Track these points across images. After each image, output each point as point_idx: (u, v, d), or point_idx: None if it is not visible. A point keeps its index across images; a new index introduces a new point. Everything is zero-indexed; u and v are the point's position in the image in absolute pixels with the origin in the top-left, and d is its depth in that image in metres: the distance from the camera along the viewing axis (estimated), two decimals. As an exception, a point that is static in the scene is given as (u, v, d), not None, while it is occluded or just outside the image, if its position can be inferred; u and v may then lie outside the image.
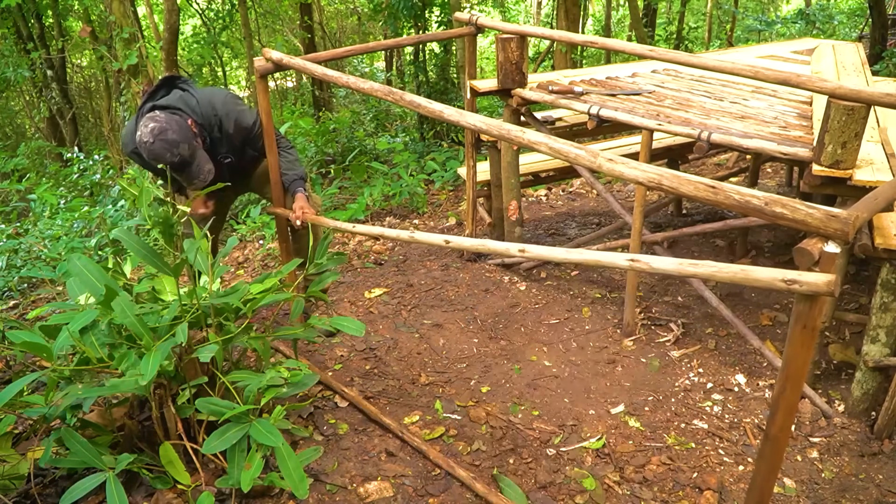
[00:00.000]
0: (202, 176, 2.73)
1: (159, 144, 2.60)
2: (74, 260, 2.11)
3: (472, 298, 3.88)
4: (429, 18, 9.88)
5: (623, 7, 17.24)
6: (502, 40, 3.60)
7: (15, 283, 4.87)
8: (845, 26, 12.26)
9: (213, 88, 3.05)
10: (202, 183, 2.71)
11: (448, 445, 2.66)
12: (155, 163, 2.64)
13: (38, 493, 2.11)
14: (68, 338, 1.92)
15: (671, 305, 3.85)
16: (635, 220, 3.34)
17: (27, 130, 14.18)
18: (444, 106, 2.11)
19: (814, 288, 1.40)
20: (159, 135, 2.60)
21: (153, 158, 2.63)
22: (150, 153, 2.62)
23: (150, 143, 2.60)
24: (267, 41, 14.71)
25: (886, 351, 2.69)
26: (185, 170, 2.70)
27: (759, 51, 5.08)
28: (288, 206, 3.16)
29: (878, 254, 2.52)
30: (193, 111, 2.83)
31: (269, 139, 3.03)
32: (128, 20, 6.82)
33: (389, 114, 10.56)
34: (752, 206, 1.48)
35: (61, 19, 11.30)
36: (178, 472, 2.05)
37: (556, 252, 1.94)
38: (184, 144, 2.66)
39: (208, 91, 2.96)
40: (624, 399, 3.02)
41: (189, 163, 2.70)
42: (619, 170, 1.67)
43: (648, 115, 3.27)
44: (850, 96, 2.44)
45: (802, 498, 2.47)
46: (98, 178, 7.48)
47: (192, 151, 2.71)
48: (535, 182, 4.97)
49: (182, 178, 2.74)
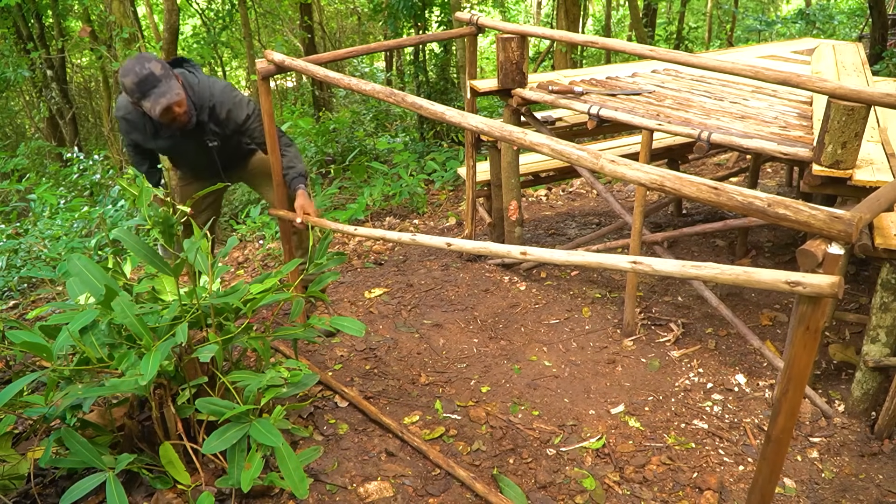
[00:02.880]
0: (170, 95, 2.66)
1: (133, 61, 2.63)
2: (74, 260, 2.11)
3: (472, 298, 3.88)
4: (429, 18, 9.88)
5: (623, 7, 17.23)
6: (502, 40, 3.60)
7: (15, 283, 4.86)
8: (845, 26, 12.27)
9: (218, 79, 3.07)
10: (168, 102, 2.66)
11: (448, 445, 2.66)
12: (124, 78, 2.63)
13: (38, 493, 2.11)
14: (68, 338, 1.92)
15: (671, 305, 3.85)
16: (635, 220, 3.34)
17: (27, 130, 14.17)
18: (445, 107, 2.11)
19: (818, 290, 1.40)
20: (138, 57, 2.66)
21: (124, 74, 2.62)
22: (123, 70, 2.64)
23: (126, 64, 2.64)
24: (267, 41, 14.70)
25: (886, 351, 2.69)
26: (154, 87, 2.63)
27: (759, 51, 5.08)
28: (290, 204, 3.16)
29: (878, 254, 2.52)
30: (190, 87, 2.89)
31: (272, 140, 3.02)
32: (128, 20, 6.81)
33: (389, 114, 10.56)
34: (755, 207, 1.48)
35: (61, 19, 11.29)
36: (178, 472, 2.05)
37: (558, 254, 1.94)
38: (157, 64, 2.66)
39: (212, 79, 3.01)
40: (624, 399, 3.02)
41: (158, 81, 2.64)
42: (622, 171, 1.66)
43: (648, 115, 3.27)
44: (850, 96, 2.44)
45: (802, 498, 2.47)
46: (98, 178, 7.47)
47: (166, 73, 2.69)
48: (535, 182, 4.97)
49: (148, 99, 2.66)
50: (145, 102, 2.65)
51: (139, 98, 2.64)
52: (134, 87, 2.62)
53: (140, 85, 2.62)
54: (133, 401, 2.26)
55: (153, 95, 2.64)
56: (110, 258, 2.37)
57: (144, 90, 2.63)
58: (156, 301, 2.27)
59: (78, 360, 2.02)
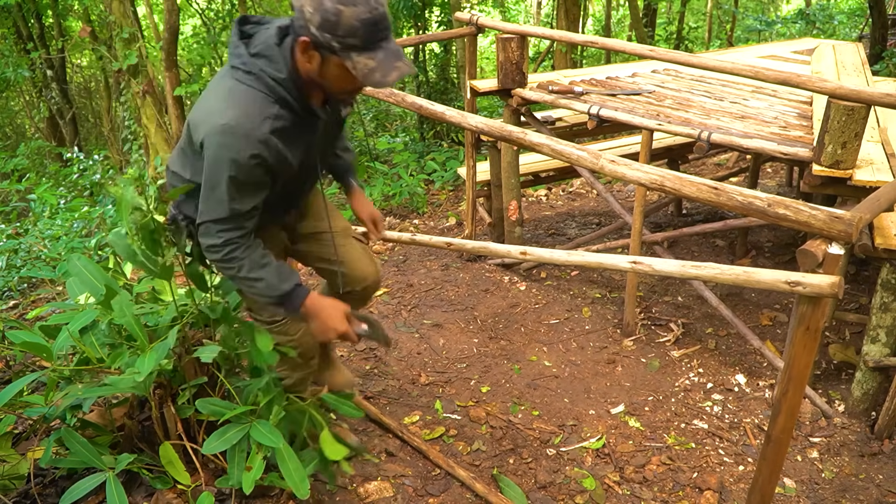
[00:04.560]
0: (402, 57, 1.55)
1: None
2: (74, 260, 2.11)
3: (472, 298, 3.88)
4: (429, 18, 9.88)
5: (623, 7, 17.24)
6: (502, 40, 3.60)
7: (15, 283, 4.86)
8: (845, 26, 12.26)
9: None
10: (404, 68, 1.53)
11: (448, 445, 2.66)
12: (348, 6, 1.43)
13: (38, 493, 2.11)
14: (68, 338, 1.92)
15: (671, 305, 3.84)
16: (635, 220, 3.34)
17: (27, 130, 14.17)
18: (445, 107, 2.11)
19: (818, 290, 1.40)
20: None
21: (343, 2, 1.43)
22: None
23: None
24: (267, 41, 14.67)
25: (886, 351, 2.69)
26: (387, 36, 1.53)
27: (759, 51, 5.08)
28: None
29: (878, 254, 2.52)
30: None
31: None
32: (128, 20, 6.82)
33: (389, 114, 10.56)
34: (756, 207, 1.48)
35: (61, 19, 11.29)
36: (178, 472, 2.04)
37: (558, 254, 1.94)
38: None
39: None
40: (624, 399, 3.02)
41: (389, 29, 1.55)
42: (622, 171, 1.66)
43: (648, 115, 3.27)
44: (850, 96, 2.44)
45: (802, 498, 2.47)
46: (98, 178, 7.47)
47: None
48: (535, 182, 4.97)
49: (378, 53, 1.51)
50: (368, 59, 1.49)
51: (362, 46, 1.48)
52: (359, 27, 1.45)
53: (372, 27, 1.47)
54: (133, 401, 2.25)
55: (387, 51, 1.51)
56: (110, 258, 2.37)
57: (376, 37, 1.49)
58: (156, 301, 2.27)
59: (78, 360, 2.02)
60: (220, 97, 1.59)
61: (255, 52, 1.57)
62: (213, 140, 1.54)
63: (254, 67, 1.56)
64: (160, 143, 7.03)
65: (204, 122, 1.58)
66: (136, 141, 7.51)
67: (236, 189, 1.58)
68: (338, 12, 1.42)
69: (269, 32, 1.59)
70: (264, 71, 1.55)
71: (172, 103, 7.44)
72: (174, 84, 7.39)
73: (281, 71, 1.55)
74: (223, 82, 1.61)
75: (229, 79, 1.60)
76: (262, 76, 1.56)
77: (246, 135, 1.53)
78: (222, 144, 1.53)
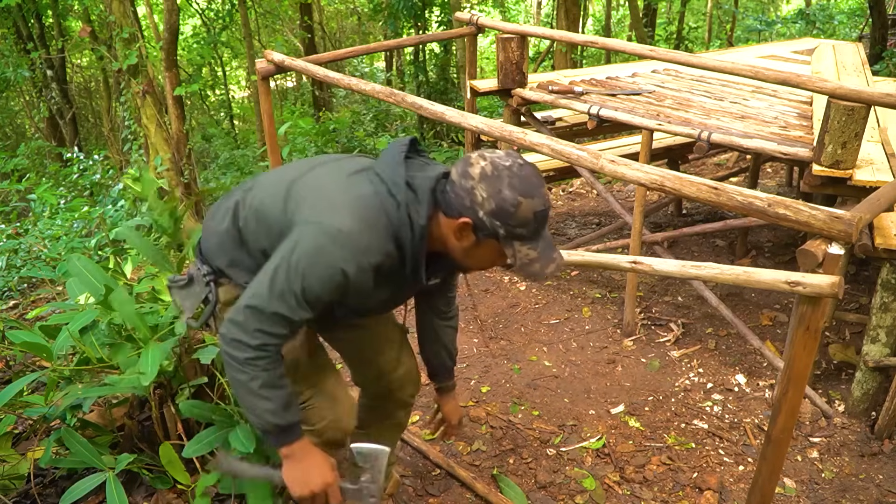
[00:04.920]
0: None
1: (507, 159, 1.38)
2: (74, 260, 2.11)
3: (472, 298, 3.88)
4: (429, 18, 9.89)
5: (623, 7, 17.23)
6: (503, 40, 3.60)
7: (15, 283, 4.86)
8: (845, 26, 12.26)
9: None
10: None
11: (448, 445, 2.66)
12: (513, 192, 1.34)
13: (38, 493, 2.11)
14: (68, 338, 1.92)
15: (671, 305, 3.84)
16: (635, 220, 3.34)
17: (27, 130, 14.17)
18: (445, 108, 2.11)
19: (818, 290, 1.40)
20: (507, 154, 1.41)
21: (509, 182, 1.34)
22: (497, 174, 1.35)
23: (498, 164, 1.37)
24: (267, 41, 14.70)
25: (886, 351, 2.68)
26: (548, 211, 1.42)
27: (759, 51, 5.08)
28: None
29: (878, 254, 2.52)
30: None
31: (272, 141, 3.03)
32: (128, 20, 6.81)
33: (389, 114, 10.56)
34: (755, 207, 1.48)
35: (61, 19, 11.29)
36: (178, 472, 2.04)
37: (557, 253, 1.93)
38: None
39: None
40: (624, 399, 3.02)
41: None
42: (622, 171, 1.66)
43: (648, 115, 3.27)
44: (850, 96, 2.44)
45: (802, 498, 2.47)
46: (98, 178, 7.47)
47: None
48: (535, 182, 4.96)
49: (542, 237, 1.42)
50: (530, 248, 1.40)
51: (528, 236, 1.39)
52: (532, 220, 1.36)
53: (543, 221, 1.40)
54: (133, 401, 2.26)
55: (546, 241, 1.44)
56: (110, 258, 2.38)
57: (542, 229, 1.42)
58: (156, 301, 2.27)
59: (78, 360, 2.02)
60: (348, 197, 1.41)
61: (411, 183, 1.42)
62: (315, 235, 1.36)
63: (401, 195, 1.40)
64: (160, 143, 7.03)
65: (315, 209, 1.40)
66: (136, 141, 7.51)
67: (304, 294, 1.38)
68: (517, 203, 1.33)
69: (431, 175, 1.45)
70: (409, 206, 1.40)
71: (172, 103, 7.44)
72: (174, 84, 7.39)
73: (422, 218, 1.41)
74: (360, 184, 1.43)
75: (368, 185, 1.42)
76: (403, 210, 1.40)
77: (353, 254, 1.36)
78: (322, 247, 1.35)
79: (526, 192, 1.34)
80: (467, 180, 1.36)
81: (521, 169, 1.36)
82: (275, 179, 1.57)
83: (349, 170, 1.49)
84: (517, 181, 1.34)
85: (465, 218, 1.37)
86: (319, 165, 1.54)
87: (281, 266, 1.37)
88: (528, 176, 1.36)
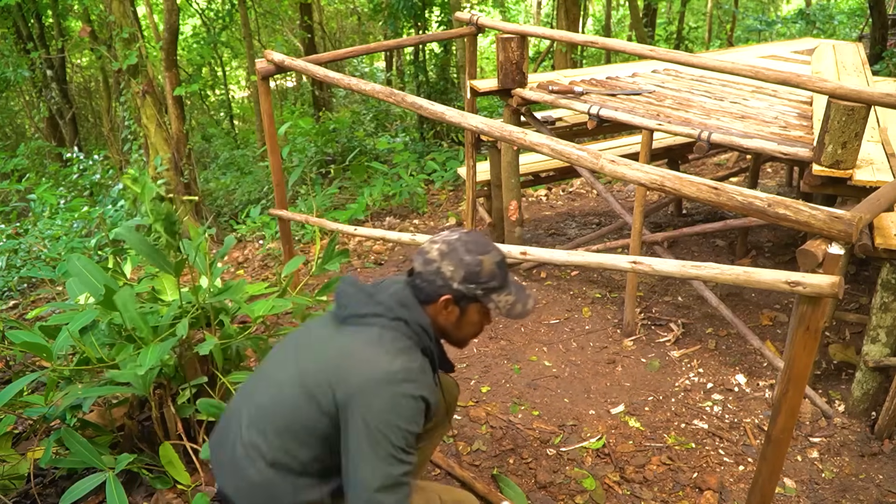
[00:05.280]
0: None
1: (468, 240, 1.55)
2: (74, 260, 2.11)
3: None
4: (429, 18, 9.89)
5: (623, 7, 17.24)
6: (503, 40, 3.60)
7: (15, 283, 4.86)
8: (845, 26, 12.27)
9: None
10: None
11: (448, 445, 2.66)
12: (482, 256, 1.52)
13: (38, 493, 2.11)
14: (68, 338, 1.92)
15: (671, 305, 3.84)
16: (635, 220, 3.34)
17: (27, 130, 14.17)
18: (445, 108, 2.11)
19: (818, 290, 1.40)
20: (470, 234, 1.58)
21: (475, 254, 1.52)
22: (466, 251, 1.52)
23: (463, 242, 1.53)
24: (267, 41, 14.70)
25: (886, 351, 2.68)
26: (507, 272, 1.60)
27: (759, 51, 5.08)
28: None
29: (878, 254, 2.52)
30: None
31: (272, 141, 3.03)
32: (127, 20, 6.81)
33: (389, 114, 10.56)
34: (755, 207, 1.48)
35: (61, 19, 11.29)
36: (178, 472, 2.05)
37: (558, 254, 1.94)
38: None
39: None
40: (624, 399, 3.02)
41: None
42: (622, 171, 1.66)
43: (648, 115, 3.27)
44: (850, 96, 2.44)
45: (802, 498, 2.47)
46: (98, 178, 7.48)
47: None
48: (535, 182, 4.97)
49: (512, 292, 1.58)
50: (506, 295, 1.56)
51: (500, 286, 1.55)
52: (496, 270, 1.54)
53: (504, 267, 1.58)
54: (133, 401, 2.26)
55: (515, 283, 1.61)
56: (110, 258, 2.37)
57: (507, 274, 1.59)
58: (155, 301, 2.27)
59: (78, 360, 2.02)
60: (367, 347, 1.43)
61: (393, 301, 1.49)
62: (378, 392, 1.37)
63: (401, 314, 1.47)
64: (160, 143, 7.03)
65: (356, 374, 1.39)
66: (136, 141, 7.52)
67: (407, 441, 1.38)
68: (479, 262, 1.50)
69: (398, 285, 1.54)
70: (410, 318, 1.48)
71: (172, 103, 7.44)
72: (174, 84, 7.39)
73: (425, 319, 1.50)
74: (362, 331, 1.46)
75: (368, 328, 1.46)
76: (413, 324, 1.47)
77: (415, 381, 1.40)
78: (393, 394, 1.37)
79: (482, 251, 1.51)
80: (431, 265, 1.50)
81: (469, 236, 1.54)
82: (273, 396, 1.48)
83: (335, 332, 1.50)
84: (471, 245, 1.51)
85: (445, 296, 1.50)
86: (304, 351, 1.51)
87: (371, 439, 1.35)
88: (477, 239, 1.54)
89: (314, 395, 1.41)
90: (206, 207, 7.96)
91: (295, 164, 6.31)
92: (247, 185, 8.55)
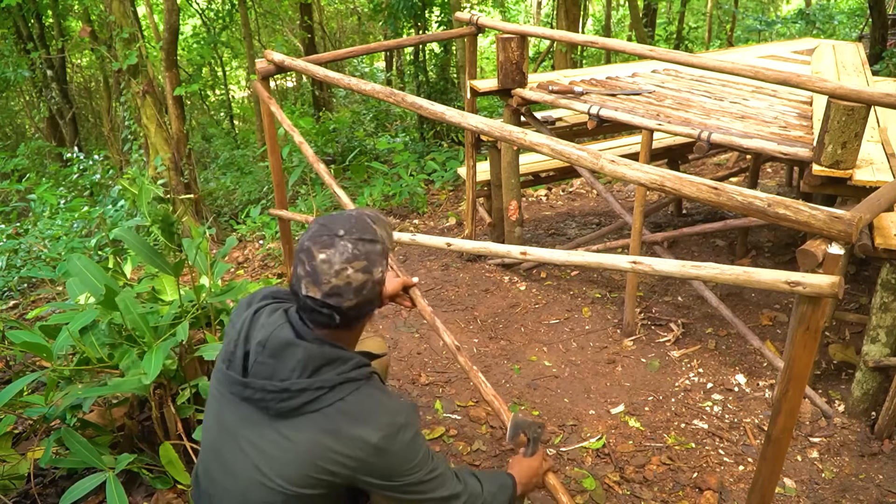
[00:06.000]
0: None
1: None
2: (74, 260, 2.11)
3: (472, 298, 3.88)
4: (429, 18, 9.89)
5: (623, 7, 17.24)
6: (503, 40, 3.60)
7: (15, 283, 4.87)
8: (845, 26, 12.27)
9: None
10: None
11: (448, 445, 2.66)
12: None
13: (38, 493, 2.11)
14: (68, 338, 1.92)
15: (671, 305, 3.84)
16: (635, 220, 3.34)
17: (27, 130, 14.18)
18: (445, 108, 2.11)
19: (818, 290, 1.40)
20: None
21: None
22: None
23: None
24: (267, 41, 14.70)
25: (886, 351, 2.68)
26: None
27: (759, 51, 5.08)
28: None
29: (878, 254, 2.52)
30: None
31: (272, 141, 3.03)
32: (128, 20, 6.81)
33: (389, 114, 10.56)
34: (755, 207, 1.48)
35: (61, 19, 11.29)
36: (178, 472, 2.05)
37: (558, 254, 1.94)
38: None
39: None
40: (624, 399, 3.02)
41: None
42: (622, 171, 1.66)
43: (648, 115, 3.27)
44: (850, 96, 2.44)
45: (802, 498, 2.47)
46: (98, 178, 7.48)
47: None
48: (535, 182, 4.97)
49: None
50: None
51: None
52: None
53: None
54: (133, 401, 2.26)
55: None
56: (110, 258, 2.37)
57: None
58: (155, 301, 2.27)
59: (78, 360, 2.02)
60: (366, 408, 1.34)
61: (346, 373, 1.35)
62: (398, 438, 1.33)
63: (336, 378, 1.32)
64: (160, 143, 7.03)
65: (369, 433, 1.30)
66: (136, 141, 7.52)
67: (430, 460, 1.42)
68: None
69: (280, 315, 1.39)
70: (345, 370, 1.35)
71: (172, 103, 7.44)
72: (174, 84, 7.39)
73: (353, 356, 1.38)
74: (355, 397, 1.34)
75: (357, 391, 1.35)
76: (350, 373, 1.35)
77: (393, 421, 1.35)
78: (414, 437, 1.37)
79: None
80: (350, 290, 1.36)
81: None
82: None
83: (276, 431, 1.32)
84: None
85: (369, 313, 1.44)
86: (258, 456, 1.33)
87: (414, 477, 1.38)
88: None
89: (303, 495, 1.30)
90: (207, 207, 7.96)
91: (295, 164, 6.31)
92: (247, 185, 8.55)
